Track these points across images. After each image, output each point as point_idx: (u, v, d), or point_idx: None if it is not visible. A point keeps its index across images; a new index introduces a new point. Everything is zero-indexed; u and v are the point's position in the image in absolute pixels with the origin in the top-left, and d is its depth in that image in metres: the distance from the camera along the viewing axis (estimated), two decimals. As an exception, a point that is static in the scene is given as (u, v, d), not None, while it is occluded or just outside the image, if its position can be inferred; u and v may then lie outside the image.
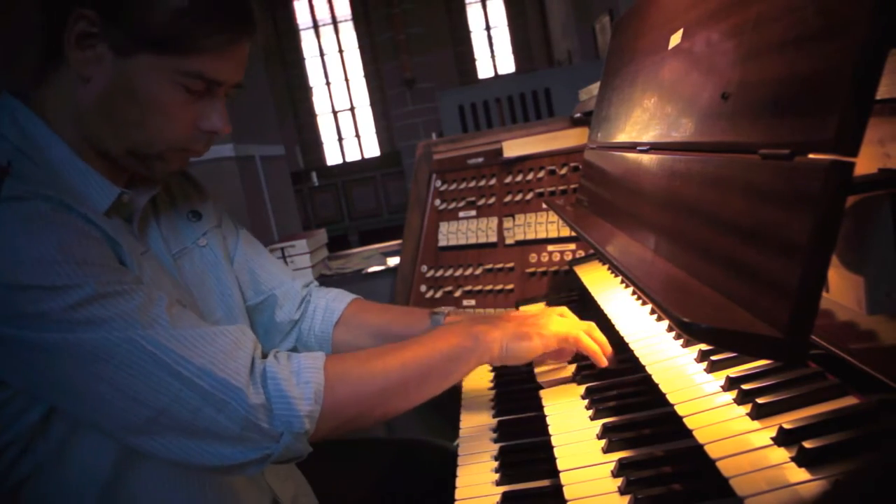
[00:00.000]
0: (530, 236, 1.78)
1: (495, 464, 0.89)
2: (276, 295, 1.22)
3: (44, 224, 0.78)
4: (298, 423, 0.83)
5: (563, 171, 1.77)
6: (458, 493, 0.85)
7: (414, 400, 0.94)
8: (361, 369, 0.91)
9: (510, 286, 1.78)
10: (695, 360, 0.82)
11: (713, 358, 0.78)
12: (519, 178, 1.85)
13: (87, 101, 0.87)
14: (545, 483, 0.83)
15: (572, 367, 1.08)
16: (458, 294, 1.87)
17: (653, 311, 1.02)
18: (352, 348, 1.24)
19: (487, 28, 12.08)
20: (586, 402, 0.93)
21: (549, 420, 0.92)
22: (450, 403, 1.21)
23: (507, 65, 12.07)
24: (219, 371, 0.80)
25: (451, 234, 1.93)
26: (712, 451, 0.63)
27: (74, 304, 0.76)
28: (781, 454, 0.58)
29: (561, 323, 1.01)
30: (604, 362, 1.01)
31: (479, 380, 1.27)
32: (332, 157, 12.16)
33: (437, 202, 2.00)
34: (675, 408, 0.73)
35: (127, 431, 0.81)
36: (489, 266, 1.84)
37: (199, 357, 0.80)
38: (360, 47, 11.80)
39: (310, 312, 1.25)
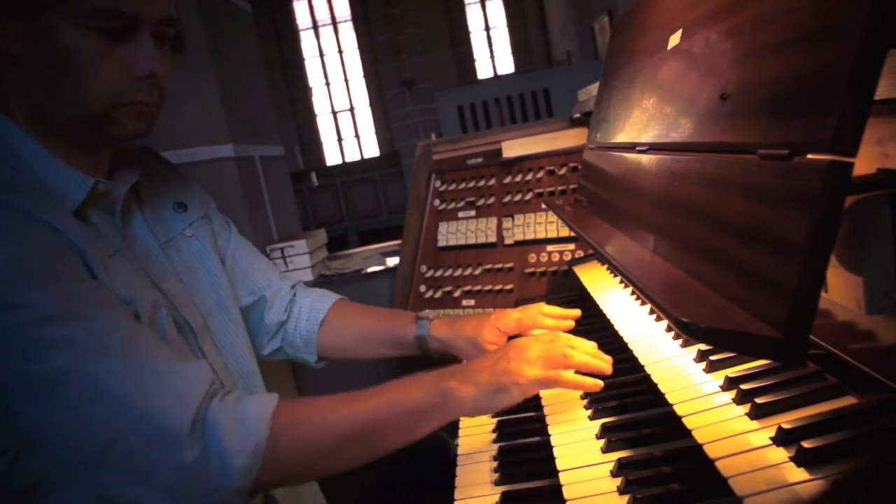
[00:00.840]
0: (529, 236, 1.78)
1: (494, 464, 0.89)
2: (266, 297, 1.23)
3: (2, 235, 0.75)
4: (232, 478, 0.77)
5: (563, 171, 1.77)
6: (457, 493, 0.85)
7: (367, 456, 0.87)
8: (311, 421, 0.84)
9: (509, 286, 1.78)
10: (694, 359, 0.82)
11: (712, 358, 0.78)
12: (518, 178, 1.85)
13: (24, 80, 0.86)
14: (544, 483, 0.82)
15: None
16: (457, 294, 1.87)
17: (652, 311, 1.02)
18: (337, 349, 1.26)
19: (487, 28, 12.10)
20: (585, 402, 0.93)
21: (548, 420, 0.92)
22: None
23: (506, 65, 12.09)
24: (161, 416, 0.76)
25: (451, 234, 1.93)
26: (711, 450, 0.63)
27: (27, 323, 0.73)
28: (780, 454, 0.59)
29: (539, 360, 0.91)
30: (591, 388, 0.93)
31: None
32: (332, 158, 12.18)
33: (437, 202, 2.00)
34: (674, 408, 0.73)
35: (68, 463, 0.78)
36: (488, 266, 1.84)
37: (145, 398, 0.76)
38: (360, 48, 11.81)
39: (295, 313, 1.26)
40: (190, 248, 1.08)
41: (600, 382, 0.92)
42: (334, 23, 12.01)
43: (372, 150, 12.08)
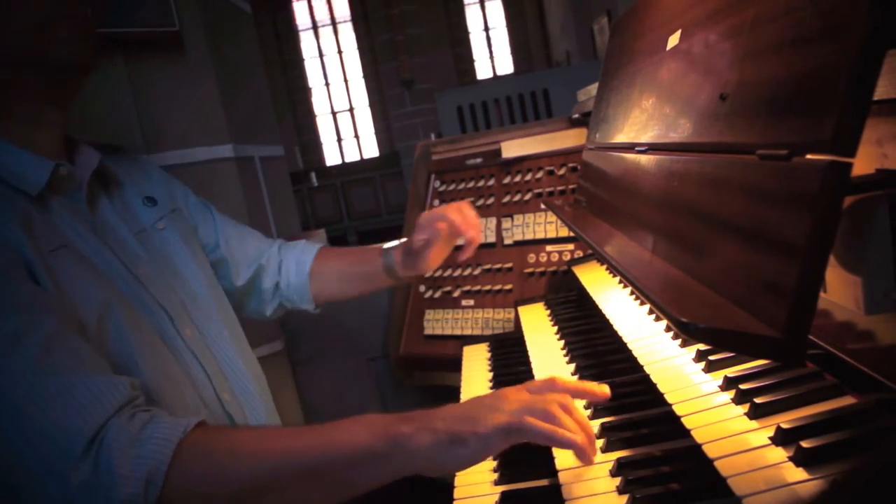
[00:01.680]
0: (529, 236, 1.78)
1: (494, 463, 0.89)
2: (262, 264, 1.31)
3: None
4: None
5: (562, 171, 1.77)
6: (456, 493, 0.85)
7: None
8: (229, 453, 0.73)
9: (509, 286, 1.78)
10: (693, 359, 0.82)
11: (711, 358, 0.78)
12: (517, 178, 1.85)
13: None
14: (543, 482, 0.83)
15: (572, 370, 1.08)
16: (456, 294, 1.87)
17: (651, 311, 1.02)
18: (327, 294, 1.33)
19: (486, 29, 12.10)
20: (584, 401, 0.93)
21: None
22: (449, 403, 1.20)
23: (505, 65, 12.09)
24: (60, 433, 0.69)
25: (450, 234, 1.93)
26: (710, 450, 0.63)
27: None
28: (779, 454, 0.59)
29: (513, 407, 0.73)
30: (563, 441, 0.72)
31: (477, 379, 1.27)
32: (331, 158, 12.18)
33: (436, 202, 2.00)
34: (673, 407, 0.73)
35: None
36: (488, 266, 1.84)
37: (48, 412, 0.70)
38: (359, 48, 11.81)
39: (284, 270, 1.33)
40: (163, 241, 1.08)
41: (576, 437, 0.72)
42: (334, 23, 12.01)
43: (371, 150, 12.09)
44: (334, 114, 12.24)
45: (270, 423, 1.12)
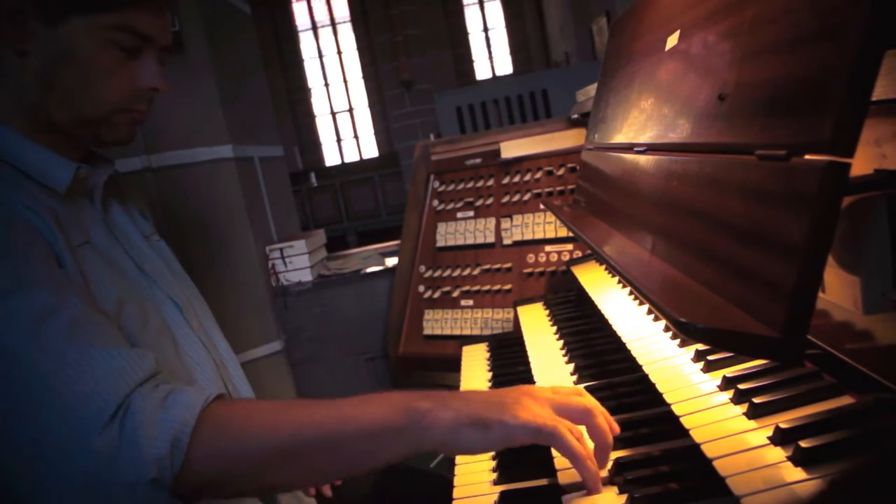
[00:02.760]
0: (528, 237, 1.79)
1: (493, 463, 0.89)
2: None
3: None
4: (144, 470, 0.68)
5: (561, 171, 1.77)
6: (455, 493, 0.85)
7: (309, 477, 0.77)
8: (246, 422, 0.74)
9: (508, 286, 1.78)
10: (691, 359, 0.82)
11: (710, 358, 0.79)
12: (517, 178, 1.85)
13: (28, 75, 0.89)
14: (543, 482, 0.83)
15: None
16: (456, 294, 1.87)
17: (650, 311, 1.02)
18: None
19: (485, 30, 12.12)
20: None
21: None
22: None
23: (504, 66, 12.11)
24: (86, 403, 0.70)
25: (450, 234, 1.93)
26: (709, 450, 0.63)
27: None
28: (778, 453, 0.59)
29: (546, 404, 0.75)
30: (586, 466, 0.72)
31: (477, 379, 1.27)
32: (331, 158, 12.20)
33: (436, 203, 2.00)
34: (672, 407, 0.73)
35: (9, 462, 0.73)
36: (487, 266, 1.84)
37: (76, 383, 0.71)
38: (359, 49, 11.83)
39: None
40: (162, 249, 1.15)
41: (597, 471, 0.73)
42: (333, 24, 12.02)
43: (371, 150, 12.10)
44: (333, 114, 12.26)
45: None
